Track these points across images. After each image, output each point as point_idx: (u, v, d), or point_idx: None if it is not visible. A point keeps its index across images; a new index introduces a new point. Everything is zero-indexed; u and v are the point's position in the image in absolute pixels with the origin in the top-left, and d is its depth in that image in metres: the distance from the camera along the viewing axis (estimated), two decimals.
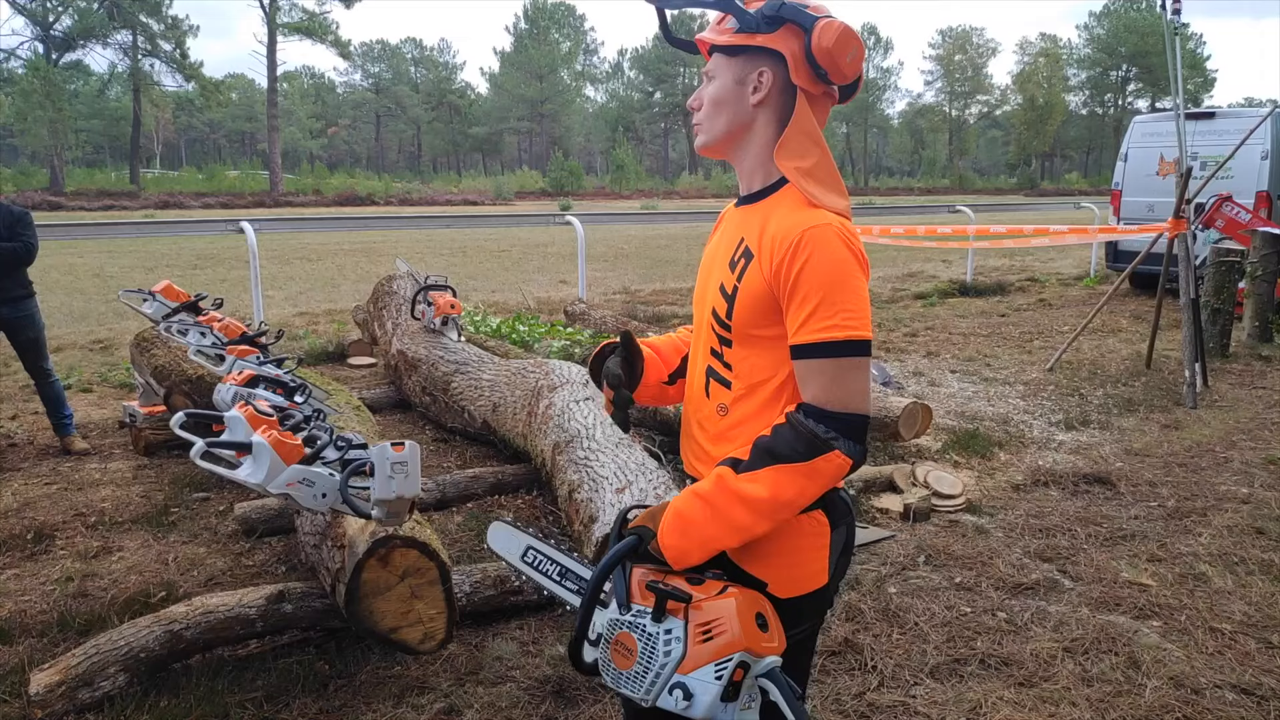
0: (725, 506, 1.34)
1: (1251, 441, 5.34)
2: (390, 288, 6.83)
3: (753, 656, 1.26)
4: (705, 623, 1.27)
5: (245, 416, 2.67)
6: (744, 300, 1.43)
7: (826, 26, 1.40)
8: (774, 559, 1.43)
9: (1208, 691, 2.75)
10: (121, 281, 12.16)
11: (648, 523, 1.41)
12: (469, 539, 3.87)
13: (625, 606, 1.34)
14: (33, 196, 32.21)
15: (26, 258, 4.95)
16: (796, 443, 1.32)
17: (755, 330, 1.43)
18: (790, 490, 1.32)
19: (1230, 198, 7.84)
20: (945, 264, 15.09)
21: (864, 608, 3.27)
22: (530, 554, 1.62)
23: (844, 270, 1.35)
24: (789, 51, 1.42)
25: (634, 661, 1.30)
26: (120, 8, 44.10)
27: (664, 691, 1.27)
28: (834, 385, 1.34)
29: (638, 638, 1.30)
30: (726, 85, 1.47)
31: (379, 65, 78.67)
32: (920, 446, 5.13)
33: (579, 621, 1.38)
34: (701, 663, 1.25)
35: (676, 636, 1.28)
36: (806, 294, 1.35)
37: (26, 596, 3.38)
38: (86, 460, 5.00)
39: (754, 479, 1.33)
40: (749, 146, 1.50)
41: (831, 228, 1.37)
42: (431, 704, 2.69)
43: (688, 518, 1.37)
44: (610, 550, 1.39)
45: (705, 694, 1.24)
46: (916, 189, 59.06)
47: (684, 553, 1.36)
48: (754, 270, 1.42)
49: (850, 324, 1.34)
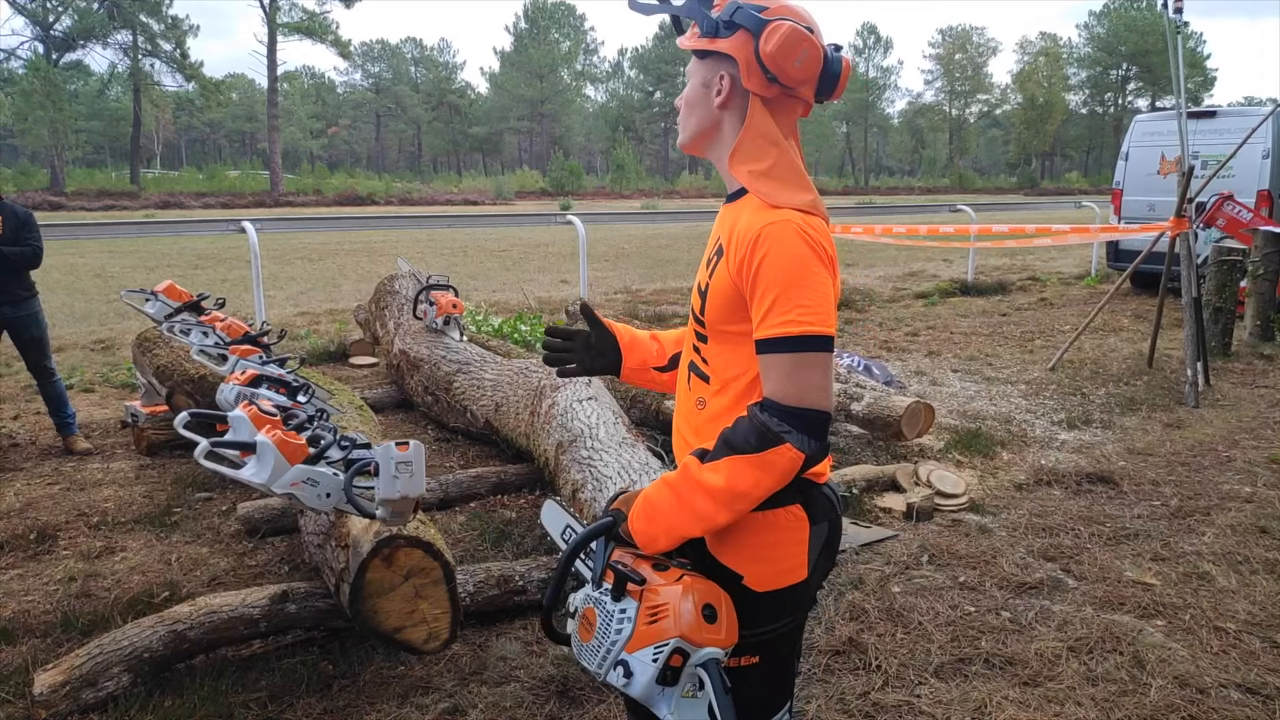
0: (689, 495, 1.38)
1: (1254, 440, 5.34)
2: (392, 287, 6.83)
3: (691, 645, 1.30)
4: (654, 606, 1.32)
5: (249, 416, 2.67)
6: (714, 297, 1.46)
7: (772, 31, 1.39)
8: (749, 551, 1.44)
9: (1212, 691, 2.75)
10: (123, 281, 12.16)
11: (623, 506, 1.47)
12: (472, 539, 3.87)
13: (597, 584, 1.40)
14: (33, 197, 32.18)
15: (34, 261, 4.97)
16: (750, 435, 1.35)
17: (726, 326, 1.46)
18: (745, 481, 1.34)
19: (1231, 197, 7.83)
20: (946, 263, 15.08)
21: (868, 607, 3.27)
22: (567, 532, 1.72)
23: (801, 266, 1.35)
24: (741, 56, 1.44)
25: (593, 636, 1.36)
26: (120, 8, 44.09)
27: (611, 667, 1.33)
28: (789, 380, 1.35)
29: (599, 614, 1.37)
30: (695, 88, 1.52)
31: (379, 65, 78.68)
32: (923, 446, 5.13)
33: (550, 592, 1.46)
34: (644, 644, 1.31)
35: (629, 616, 1.33)
36: (765, 289, 1.36)
37: (30, 596, 3.37)
38: (89, 460, 5.00)
39: (714, 469, 1.36)
40: (719, 147, 1.54)
41: (791, 224, 1.38)
42: (435, 704, 2.69)
43: (655, 504, 1.42)
44: (586, 529, 1.47)
45: (642, 674, 1.29)
46: (917, 188, 59.05)
47: (651, 538, 1.42)
48: (722, 267, 1.45)
49: (806, 319, 1.34)
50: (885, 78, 78.46)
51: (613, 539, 1.45)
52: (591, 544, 1.46)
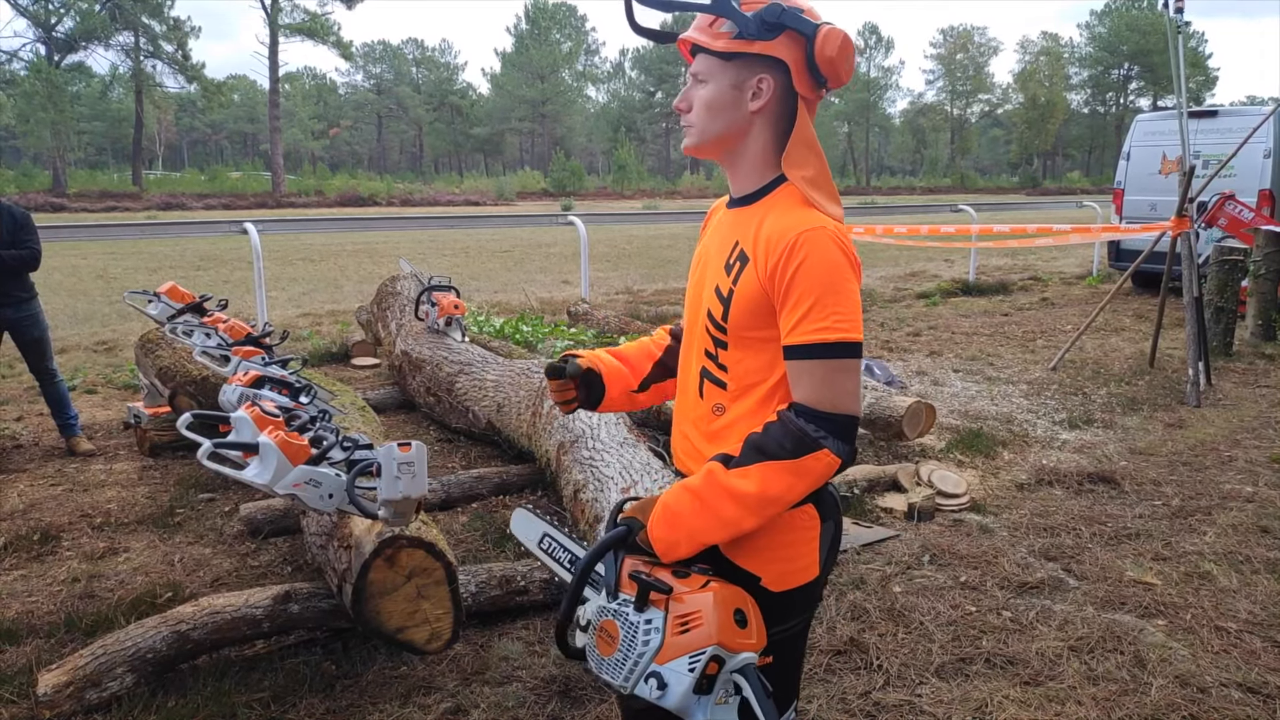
0: (714, 500, 1.37)
1: (1256, 440, 5.34)
2: (394, 288, 6.84)
3: (727, 651, 1.28)
4: (684, 615, 1.30)
5: (252, 417, 2.68)
6: (739, 304, 1.44)
7: (830, 35, 1.40)
8: (766, 553, 1.45)
9: (1214, 690, 2.75)
10: (125, 283, 12.17)
11: (638, 514, 1.44)
12: (474, 539, 3.88)
13: (613, 595, 1.37)
14: (35, 198, 32.24)
15: (33, 264, 4.97)
16: (785, 440, 1.34)
17: (750, 333, 1.45)
18: (778, 486, 1.34)
19: (1233, 196, 7.82)
20: (948, 263, 15.08)
21: (869, 607, 3.27)
22: (546, 541, 1.67)
23: (838, 273, 1.36)
24: (792, 59, 1.42)
25: (615, 649, 1.33)
26: (122, 9, 44.12)
27: (640, 680, 1.30)
28: (824, 386, 1.35)
29: (620, 626, 1.33)
30: (723, 90, 1.45)
31: (380, 66, 78.69)
32: (924, 446, 5.13)
33: (564, 606, 1.42)
34: (677, 654, 1.28)
35: (656, 627, 1.30)
36: (801, 296, 1.36)
37: (33, 597, 3.38)
38: (92, 461, 5.02)
39: (744, 474, 1.35)
40: (743, 151, 1.49)
41: (826, 230, 1.38)
42: (438, 704, 2.69)
43: (676, 511, 1.39)
44: (600, 539, 1.42)
45: (678, 685, 1.26)
46: (918, 188, 59.02)
47: (672, 545, 1.39)
48: (749, 273, 1.43)
49: (842, 326, 1.35)
50: (887, 78, 78.43)
51: (622, 548, 1.42)
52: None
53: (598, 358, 1.76)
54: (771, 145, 1.48)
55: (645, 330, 7.15)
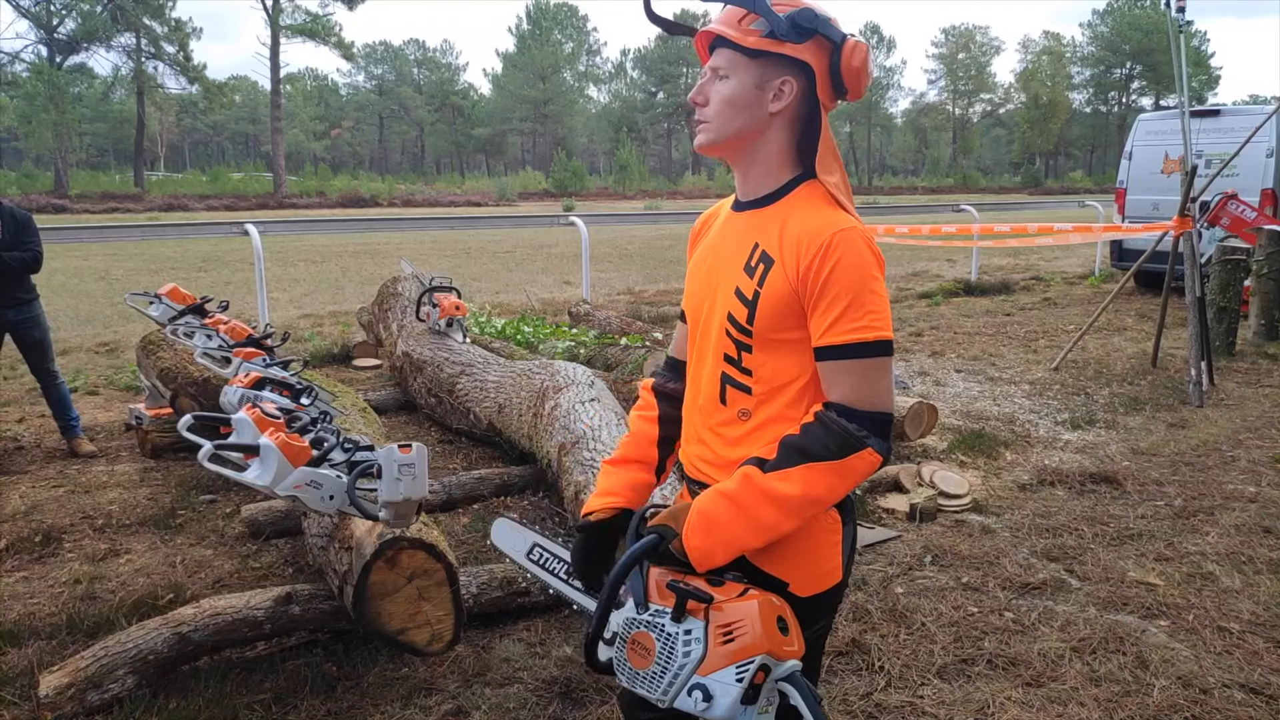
0: (752, 505, 1.35)
1: (1258, 440, 5.33)
2: (395, 289, 6.84)
3: (774, 660, 1.25)
4: (727, 624, 1.26)
5: (253, 419, 2.68)
6: (767, 305, 1.42)
7: (857, 47, 1.41)
8: (794, 558, 1.44)
9: (1216, 691, 2.74)
10: (126, 284, 12.18)
11: (669, 522, 1.40)
12: (476, 540, 3.88)
13: (643, 606, 1.33)
14: (37, 199, 32.27)
15: (34, 266, 4.97)
16: (829, 441, 1.34)
17: (778, 334, 1.43)
18: (820, 487, 1.34)
19: (1235, 195, 7.80)
20: (950, 263, 15.07)
21: (871, 608, 3.27)
22: (536, 551, 1.63)
23: (870, 272, 1.37)
24: (818, 65, 1.41)
25: (651, 661, 1.29)
26: (123, 10, 44.18)
27: (682, 692, 1.26)
28: (863, 385, 1.36)
29: (656, 637, 1.30)
30: (745, 88, 1.42)
31: (382, 67, 78.77)
32: (926, 446, 5.13)
33: (596, 620, 1.38)
34: (722, 664, 1.24)
35: (696, 637, 1.27)
36: (835, 296, 1.36)
37: (35, 599, 3.39)
38: (93, 463, 5.02)
39: (784, 477, 1.34)
40: (759, 152, 1.47)
41: (857, 230, 1.39)
42: (439, 705, 2.69)
43: (713, 517, 1.36)
44: (629, 549, 1.38)
45: (726, 696, 1.23)
46: (920, 188, 58.98)
47: (708, 553, 1.36)
48: (776, 274, 1.41)
49: (877, 325, 1.36)
50: (889, 77, 78.42)
51: (652, 557, 1.38)
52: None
53: (613, 495, 1.62)
54: (788, 147, 1.47)
55: (646, 330, 7.15)
